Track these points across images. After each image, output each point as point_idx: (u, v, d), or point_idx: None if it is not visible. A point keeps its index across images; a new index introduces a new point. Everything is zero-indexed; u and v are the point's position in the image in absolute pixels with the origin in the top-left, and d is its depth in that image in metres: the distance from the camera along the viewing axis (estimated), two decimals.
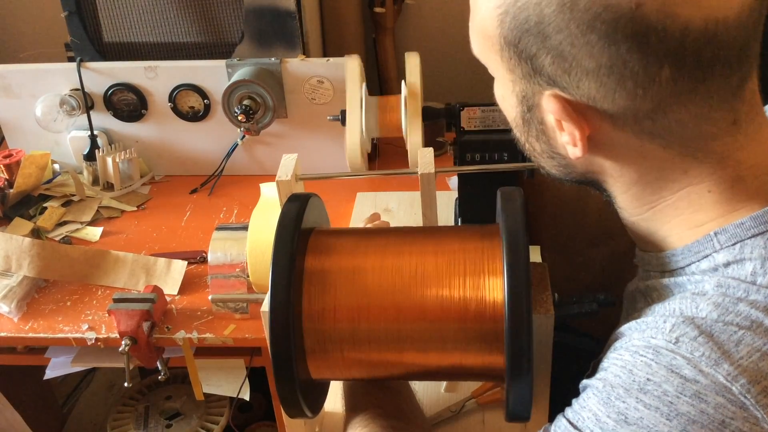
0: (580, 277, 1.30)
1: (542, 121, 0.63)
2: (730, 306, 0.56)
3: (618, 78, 0.55)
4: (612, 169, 0.63)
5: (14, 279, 1.15)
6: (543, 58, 0.58)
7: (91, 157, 1.42)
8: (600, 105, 0.58)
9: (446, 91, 1.66)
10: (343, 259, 0.65)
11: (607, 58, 0.55)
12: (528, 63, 0.59)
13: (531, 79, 0.60)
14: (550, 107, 0.60)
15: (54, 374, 1.17)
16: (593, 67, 0.56)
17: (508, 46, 0.60)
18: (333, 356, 0.64)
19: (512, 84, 0.63)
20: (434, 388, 0.94)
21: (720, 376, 0.53)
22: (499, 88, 0.67)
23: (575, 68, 0.56)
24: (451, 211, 1.21)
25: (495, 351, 0.61)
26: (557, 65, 0.57)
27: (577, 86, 0.57)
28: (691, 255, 0.63)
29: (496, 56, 0.62)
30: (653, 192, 0.63)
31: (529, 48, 0.58)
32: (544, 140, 0.65)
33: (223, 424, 1.52)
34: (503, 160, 1.01)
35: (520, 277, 0.57)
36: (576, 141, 0.60)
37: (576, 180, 0.68)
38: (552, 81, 0.59)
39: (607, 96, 0.57)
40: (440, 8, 1.61)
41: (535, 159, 0.68)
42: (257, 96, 1.32)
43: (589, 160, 0.63)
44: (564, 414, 0.61)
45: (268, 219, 1.03)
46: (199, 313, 1.12)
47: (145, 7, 1.40)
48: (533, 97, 0.62)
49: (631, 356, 0.57)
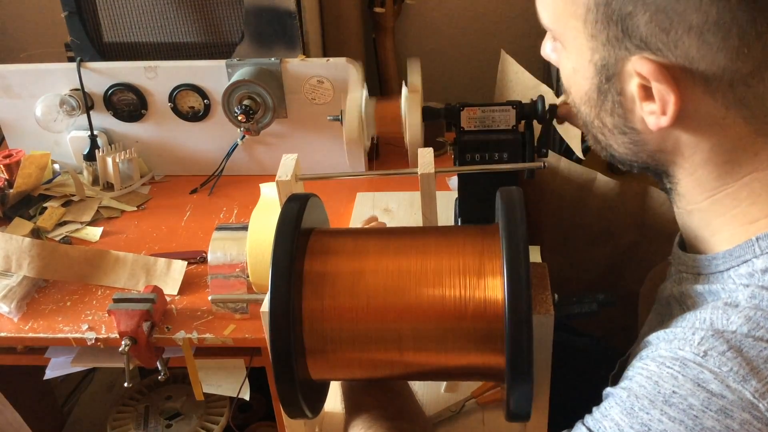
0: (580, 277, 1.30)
1: (621, 92, 0.61)
2: (761, 321, 0.55)
3: (724, 34, 0.54)
4: (686, 144, 0.62)
5: (14, 279, 1.15)
6: (639, 17, 0.56)
7: (91, 157, 1.42)
8: (697, 66, 0.56)
9: (446, 91, 1.66)
10: (343, 260, 0.65)
11: (716, 11, 0.53)
12: (618, 24, 0.57)
13: (617, 44, 0.58)
14: (643, 69, 0.57)
15: (54, 374, 1.16)
16: (698, 23, 0.54)
17: (597, 7, 0.58)
18: (333, 356, 0.64)
19: (591, 52, 0.61)
20: (434, 388, 0.94)
21: (747, 393, 0.52)
22: (571, 59, 0.65)
23: (677, 25, 0.55)
24: (451, 211, 1.21)
25: (495, 351, 0.61)
26: (656, 23, 0.56)
27: (675, 45, 0.56)
28: (731, 260, 0.62)
29: (578, 21, 0.60)
30: (719, 176, 0.62)
31: (624, 6, 0.56)
32: (620, 113, 0.63)
33: (223, 424, 1.52)
34: (503, 160, 1.01)
35: (520, 278, 0.57)
36: (666, 107, 0.58)
37: (642, 163, 0.67)
38: (644, 43, 0.57)
39: (707, 55, 0.55)
40: (440, 8, 1.61)
41: (603, 137, 0.67)
42: (257, 96, 1.32)
43: (666, 133, 0.62)
44: (584, 422, 0.60)
45: (267, 219, 1.03)
46: (199, 313, 1.12)
47: (145, 7, 1.40)
48: (615, 64, 0.60)
49: (658, 367, 0.57)
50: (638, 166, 0.68)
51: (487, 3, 1.58)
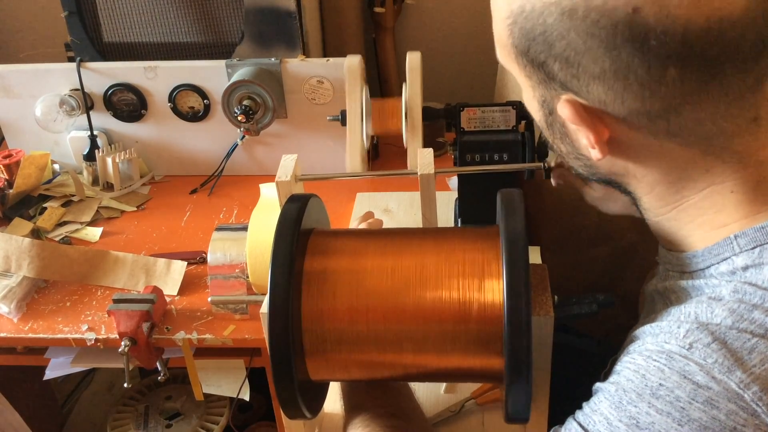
0: (580, 277, 1.30)
1: (563, 124, 0.64)
2: (745, 313, 0.56)
3: (624, 82, 0.55)
4: (634, 170, 0.64)
5: (14, 279, 1.15)
6: (552, 65, 0.58)
7: (90, 157, 1.42)
8: (611, 109, 0.58)
9: (446, 91, 1.66)
10: (343, 261, 0.65)
11: (610, 62, 0.55)
12: (540, 70, 0.60)
13: (547, 85, 0.61)
14: (564, 113, 0.60)
15: (54, 375, 1.16)
16: (598, 72, 0.56)
17: (520, 55, 0.61)
18: (332, 357, 0.64)
19: (532, 90, 0.64)
20: (434, 389, 0.94)
21: (732, 384, 0.53)
22: (523, 93, 0.68)
23: (582, 74, 0.57)
24: (450, 211, 1.21)
25: (494, 353, 0.61)
26: (566, 71, 0.58)
27: (587, 91, 0.58)
28: (711, 257, 0.63)
29: (514, 64, 0.63)
30: (677, 191, 0.63)
31: (538, 56, 0.59)
32: (568, 142, 0.65)
33: (223, 424, 1.52)
34: (503, 161, 1.01)
35: (520, 280, 0.57)
36: (593, 144, 0.61)
37: (602, 180, 0.69)
38: (565, 86, 0.59)
39: (616, 99, 0.57)
40: (440, 8, 1.61)
41: (564, 159, 0.69)
42: (257, 96, 1.32)
43: (612, 161, 0.64)
44: (575, 417, 0.61)
45: (267, 219, 1.03)
46: (199, 314, 1.12)
47: (145, 7, 1.40)
48: (551, 101, 0.62)
49: (644, 361, 0.57)
50: (601, 182, 0.70)
51: (487, 3, 1.57)
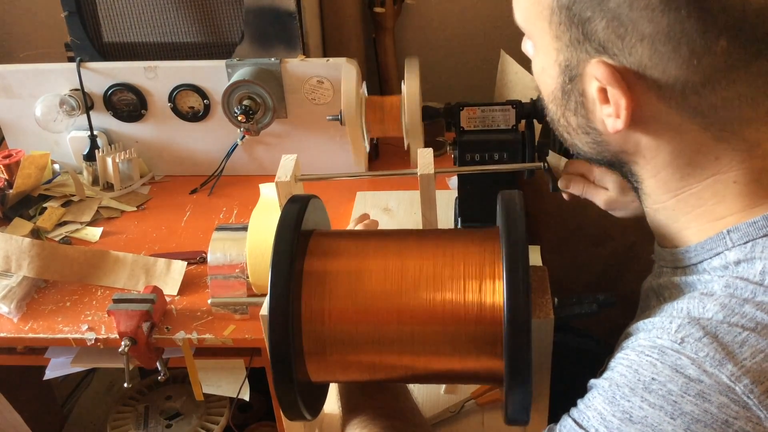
0: (580, 277, 1.30)
1: (583, 93, 0.63)
2: (736, 307, 0.57)
3: (674, 45, 0.55)
4: (647, 147, 0.63)
5: (14, 279, 1.15)
6: (597, 22, 0.57)
7: (90, 157, 1.42)
8: (650, 73, 0.57)
9: (446, 91, 1.66)
10: (343, 262, 0.65)
11: (667, 23, 0.54)
12: (579, 28, 0.59)
13: (578, 46, 0.60)
14: (597, 73, 0.59)
15: (54, 374, 1.16)
16: (650, 32, 0.55)
17: (560, 10, 0.59)
18: (332, 359, 0.64)
19: (556, 53, 0.62)
20: (434, 389, 0.94)
21: (724, 377, 0.54)
22: (539, 59, 0.66)
23: (631, 33, 0.56)
24: (450, 210, 1.21)
25: (494, 355, 0.61)
26: (612, 30, 0.57)
27: (630, 52, 0.57)
28: (704, 252, 0.63)
29: (543, 22, 0.62)
30: (682, 178, 0.63)
31: (584, 11, 0.58)
32: (582, 114, 0.64)
33: (223, 424, 1.52)
34: (503, 160, 1.01)
35: (520, 283, 0.57)
36: (620, 111, 0.60)
37: (607, 161, 0.68)
38: (602, 47, 0.58)
39: (659, 64, 0.57)
40: (440, 8, 1.61)
41: (569, 135, 0.68)
42: (257, 96, 1.32)
43: (626, 136, 0.63)
44: (569, 414, 0.61)
45: (267, 219, 1.03)
46: (199, 314, 1.12)
47: (145, 7, 1.40)
48: (577, 66, 0.61)
49: (637, 356, 0.58)
50: (604, 164, 0.69)
51: (486, 3, 1.58)
